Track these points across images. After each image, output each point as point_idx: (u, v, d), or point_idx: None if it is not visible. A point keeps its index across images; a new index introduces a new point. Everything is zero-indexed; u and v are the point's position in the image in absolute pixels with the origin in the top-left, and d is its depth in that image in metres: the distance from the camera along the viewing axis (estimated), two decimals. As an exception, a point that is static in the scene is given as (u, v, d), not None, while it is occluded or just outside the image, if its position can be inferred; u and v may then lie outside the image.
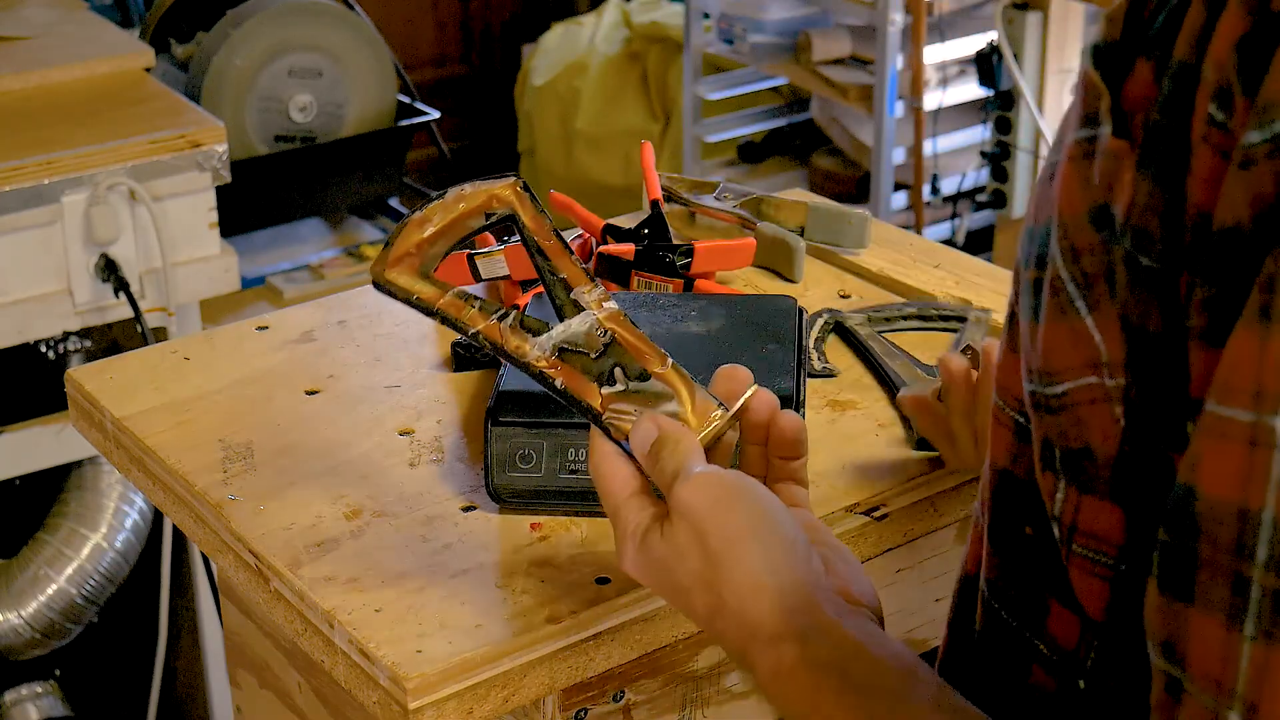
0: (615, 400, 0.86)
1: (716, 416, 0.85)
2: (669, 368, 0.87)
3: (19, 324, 1.96)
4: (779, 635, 0.73)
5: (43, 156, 1.93)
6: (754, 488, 0.78)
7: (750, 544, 0.75)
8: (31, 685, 2.34)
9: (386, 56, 2.61)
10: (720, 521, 0.76)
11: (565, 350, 0.87)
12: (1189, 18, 0.59)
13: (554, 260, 0.88)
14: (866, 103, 3.37)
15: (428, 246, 0.87)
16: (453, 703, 0.88)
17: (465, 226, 0.88)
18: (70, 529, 2.21)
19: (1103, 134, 0.62)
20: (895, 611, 1.09)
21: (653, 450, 0.82)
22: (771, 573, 0.75)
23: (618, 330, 0.87)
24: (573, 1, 4.91)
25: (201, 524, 1.05)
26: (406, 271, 0.87)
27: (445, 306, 0.87)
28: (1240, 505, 0.51)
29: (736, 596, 0.75)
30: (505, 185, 0.88)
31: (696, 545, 0.77)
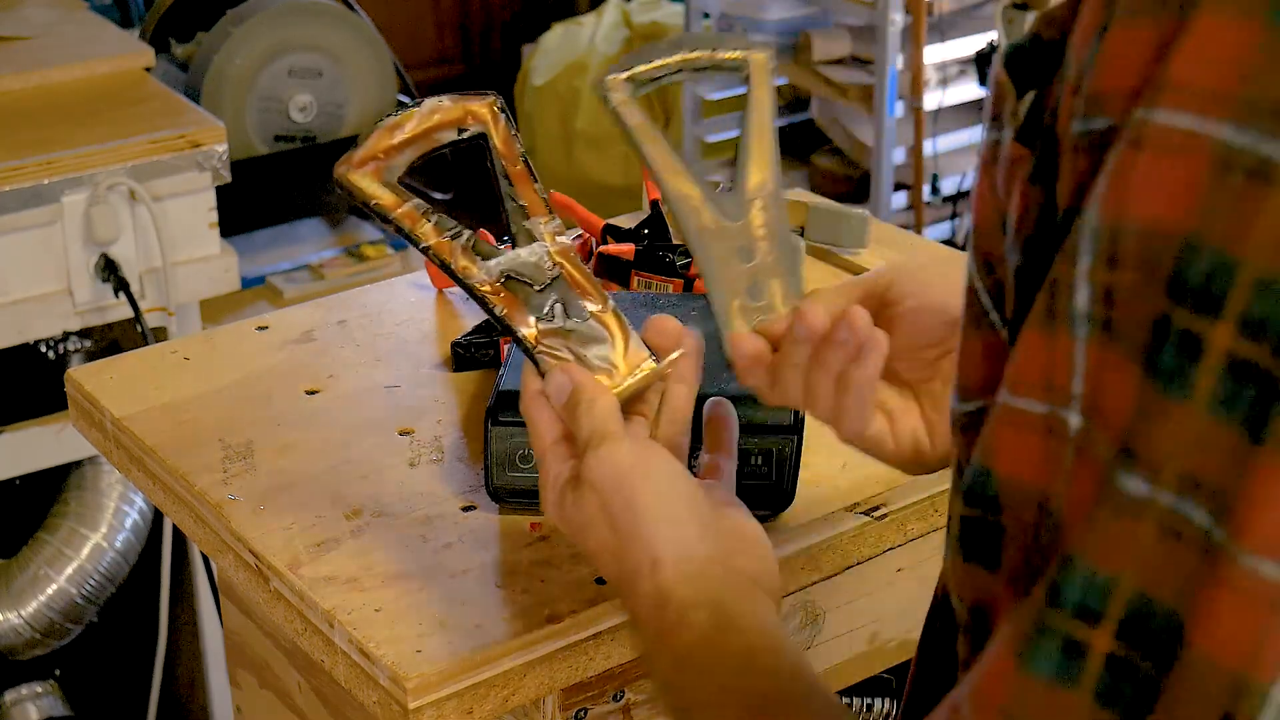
0: (549, 335, 0.87)
1: (645, 368, 0.86)
2: (609, 310, 0.87)
3: (19, 324, 1.96)
4: (671, 604, 0.76)
5: (43, 156, 1.93)
6: (660, 465, 0.81)
7: (653, 522, 0.79)
8: (31, 685, 2.33)
9: (386, 56, 2.61)
10: (625, 498, 0.79)
11: (511, 278, 0.87)
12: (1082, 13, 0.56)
13: (516, 185, 0.88)
14: (866, 103, 3.37)
15: (395, 154, 0.87)
16: (453, 703, 0.88)
17: (436, 139, 0.88)
18: (70, 529, 2.21)
19: (1005, 137, 0.59)
20: (895, 611, 1.09)
21: (568, 404, 0.84)
22: (668, 546, 0.78)
23: (565, 265, 0.88)
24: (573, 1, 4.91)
25: (201, 524, 1.05)
26: (370, 175, 0.87)
27: (401, 216, 0.87)
28: (1040, 492, 0.53)
29: (637, 569, 0.79)
30: (483, 102, 0.89)
31: (603, 516, 0.80)
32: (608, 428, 0.82)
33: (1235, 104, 0.45)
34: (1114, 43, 0.50)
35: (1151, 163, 0.48)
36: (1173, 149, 0.47)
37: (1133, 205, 0.49)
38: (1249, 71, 0.45)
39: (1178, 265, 0.47)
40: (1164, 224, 0.47)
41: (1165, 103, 0.47)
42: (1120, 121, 0.49)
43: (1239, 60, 0.45)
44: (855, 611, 1.07)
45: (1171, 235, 0.47)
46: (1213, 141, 0.46)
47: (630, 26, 4.20)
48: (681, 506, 0.80)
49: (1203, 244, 0.46)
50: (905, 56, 3.32)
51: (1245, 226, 0.45)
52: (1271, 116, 0.44)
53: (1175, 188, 0.47)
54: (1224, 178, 0.45)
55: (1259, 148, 0.45)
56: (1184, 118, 0.46)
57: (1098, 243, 0.50)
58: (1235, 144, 0.45)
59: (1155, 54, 0.48)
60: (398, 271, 2.58)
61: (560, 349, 0.86)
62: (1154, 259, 0.47)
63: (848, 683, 1.12)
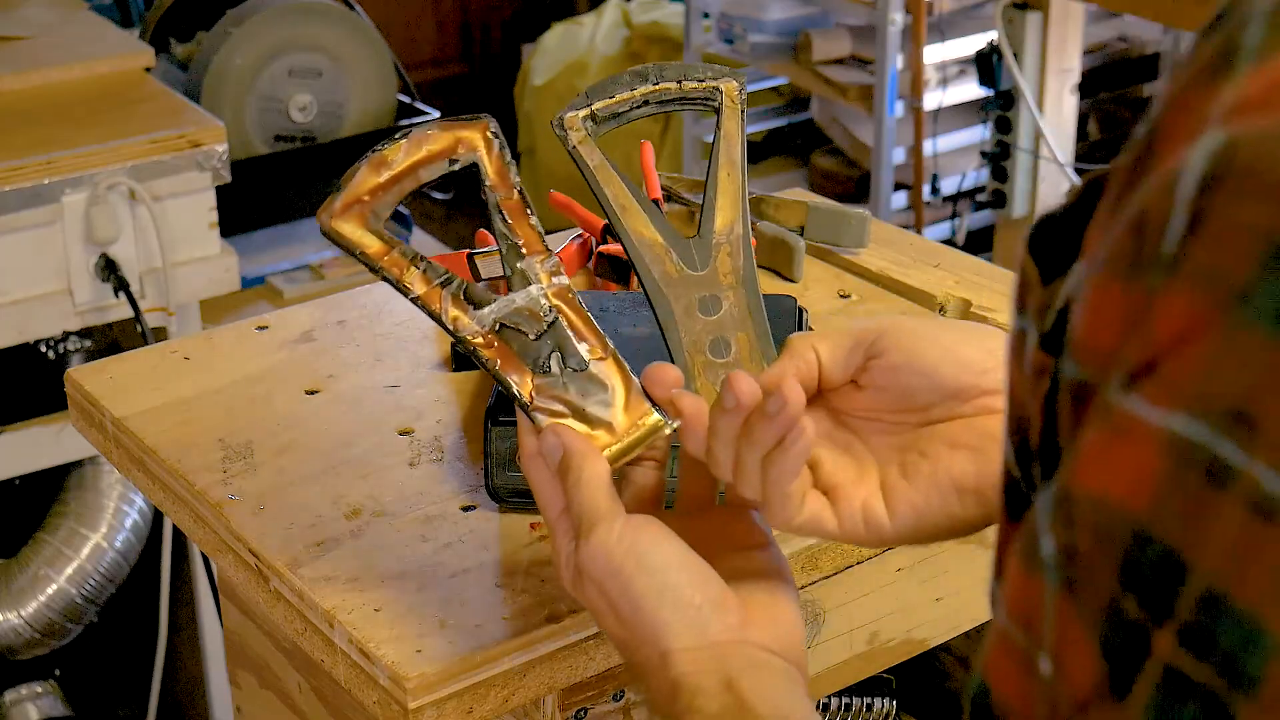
0: (546, 390, 0.82)
1: (645, 423, 0.81)
2: (609, 357, 0.83)
3: (19, 324, 1.96)
4: (683, 694, 0.74)
5: (43, 156, 1.93)
6: (655, 546, 0.77)
7: (655, 611, 0.76)
8: (31, 685, 2.34)
9: (386, 56, 2.61)
10: (622, 588, 0.77)
11: (505, 327, 0.83)
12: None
13: (512, 220, 0.83)
14: (866, 103, 3.37)
15: (381, 193, 0.83)
16: (453, 702, 0.88)
17: (427, 173, 0.83)
18: (70, 529, 2.21)
19: (1030, 339, 0.54)
20: (895, 611, 1.09)
21: (560, 470, 0.80)
22: (675, 637, 0.76)
23: (563, 308, 0.83)
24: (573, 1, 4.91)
25: (201, 524, 1.05)
26: (355, 220, 0.83)
27: (388, 265, 0.83)
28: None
29: (647, 663, 0.77)
30: (474, 128, 0.83)
31: (607, 607, 0.78)
32: (597, 509, 0.78)
33: (1195, 399, 0.43)
34: (1093, 294, 0.47)
35: (1109, 439, 0.45)
36: (1131, 432, 0.44)
37: (1086, 476, 0.46)
38: (1211, 367, 0.43)
39: (1130, 551, 0.44)
40: (1118, 504, 0.45)
41: (1130, 385, 0.45)
42: (1095, 381, 0.47)
43: (1202, 354, 0.43)
44: (855, 611, 1.07)
45: (1124, 517, 0.44)
46: (1171, 434, 0.43)
47: (630, 26, 4.20)
48: (685, 587, 0.76)
49: (1154, 537, 0.44)
50: (905, 56, 3.32)
51: (1197, 530, 0.43)
52: (1227, 416, 0.42)
53: (1131, 471, 0.44)
54: (1180, 473, 0.43)
55: (1215, 448, 0.42)
56: (1144, 406, 0.44)
57: (1054, 500, 0.47)
58: (1193, 439, 0.43)
59: (1125, 323, 0.45)
60: (398, 271, 2.58)
61: (556, 403, 0.82)
62: (1108, 535, 0.45)
63: (848, 683, 1.12)
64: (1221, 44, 0.46)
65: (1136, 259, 0.45)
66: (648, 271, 0.85)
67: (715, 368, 0.83)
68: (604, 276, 1.29)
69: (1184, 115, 0.46)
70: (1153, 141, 0.47)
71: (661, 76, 0.89)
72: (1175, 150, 0.45)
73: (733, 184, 0.87)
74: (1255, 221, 0.42)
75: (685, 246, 0.86)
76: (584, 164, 0.87)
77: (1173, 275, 0.44)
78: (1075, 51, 3.15)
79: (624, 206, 0.87)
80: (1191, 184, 0.44)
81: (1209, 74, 0.46)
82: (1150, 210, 0.45)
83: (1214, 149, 0.43)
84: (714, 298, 0.85)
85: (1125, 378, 0.45)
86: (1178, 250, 0.44)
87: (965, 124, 3.52)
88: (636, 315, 1.10)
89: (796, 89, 3.78)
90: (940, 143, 3.46)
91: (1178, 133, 0.46)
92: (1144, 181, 0.46)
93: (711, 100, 0.88)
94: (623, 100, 0.88)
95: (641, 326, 1.05)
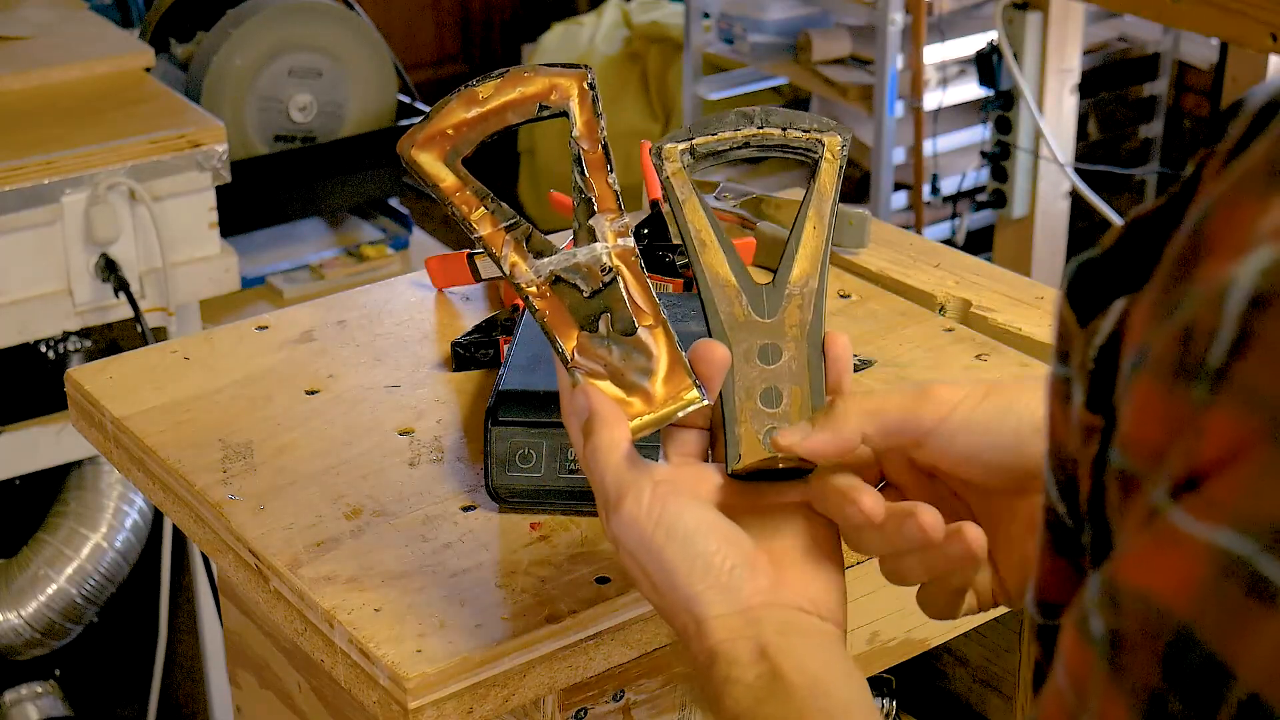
0: (590, 349, 0.81)
1: (683, 398, 0.80)
2: (659, 326, 0.82)
3: (19, 324, 1.96)
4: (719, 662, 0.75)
5: (43, 156, 1.93)
6: (682, 514, 0.77)
7: (687, 579, 0.77)
8: (31, 685, 2.34)
9: (386, 56, 2.61)
10: (655, 558, 0.77)
11: (560, 280, 0.82)
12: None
13: (590, 174, 0.82)
14: (866, 103, 3.37)
15: (466, 129, 0.82)
16: (453, 702, 0.88)
17: (515, 114, 0.82)
18: (70, 529, 2.21)
19: (1076, 397, 0.55)
20: (895, 611, 1.09)
21: (584, 431, 0.80)
22: (709, 604, 0.76)
23: (623, 269, 0.82)
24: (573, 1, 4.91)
25: (201, 524, 1.05)
26: (434, 152, 0.82)
27: (458, 201, 0.82)
28: None
29: (685, 631, 0.78)
30: (572, 77, 0.82)
31: (644, 578, 0.79)
32: (620, 480, 0.78)
33: (1240, 517, 0.44)
34: (1140, 393, 0.48)
35: (1155, 544, 0.46)
36: (1176, 541, 0.45)
37: (1133, 572, 0.47)
38: (1256, 487, 0.44)
39: (1173, 648, 0.45)
40: (1162, 602, 0.46)
41: (1175, 497, 0.46)
42: (1141, 475, 0.48)
43: (1247, 475, 0.44)
44: (855, 611, 1.06)
45: (1169, 615, 0.45)
46: (1214, 547, 0.44)
47: (630, 26, 4.20)
48: (715, 554, 0.77)
49: (1197, 638, 0.45)
50: (905, 56, 3.32)
51: (1241, 639, 0.44)
52: (1271, 534, 0.43)
53: (1176, 575, 0.45)
54: (1224, 583, 0.44)
55: (1258, 563, 0.43)
56: (1189, 520, 0.45)
57: (1102, 585, 0.48)
58: (1237, 553, 0.44)
59: (1170, 427, 0.46)
60: (397, 271, 2.58)
61: (597, 363, 0.81)
62: (1153, 629, 0.46)
63: (848, 683, 1.12)
64: (1275, 151, 0.47)
65: (1182, 367, 0.46)
66: (715, 311, 0.84)
67: (763, 416, 0.82)
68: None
69: (1234, 222, 0.47)
70: (1201, 241, 0.48)
71: (767, 121, 0.88)
72: (1225, 259, 0.46)
73: (817, 238, 0.86)
74: None
75: (757, 292, 0.85)
76: (673, 195, 0.86)
77: (1219, 390, 0.45)
78: (1075, 51, 3.15)
79: (704, 243, 0.85)
80: (1241, 300, 0.44)
81: (1262, 182, 0.47)
82: (1198, 321, 0.46)
83: (1265, 267, 0.44)
84: (775, 347, 0.84)
85: (1170, 486, 0.46)
86: (1224, 364, 0.45)
87: (965, 124, 3.52)
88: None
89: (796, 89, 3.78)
90: (940, 143, 3.46)
91: (1228, 239, 0.46)
92: (1192, 285, 0.47)
93: (813, 152, 0.88)
94: (724, 139, 0.87)
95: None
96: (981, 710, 1.31)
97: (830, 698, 0.74)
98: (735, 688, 0.74)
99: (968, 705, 1.32)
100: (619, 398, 0.81)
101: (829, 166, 0.87)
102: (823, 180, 0.87)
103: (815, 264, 0.86)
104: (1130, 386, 0.49)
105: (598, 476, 0.79)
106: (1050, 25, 3.08)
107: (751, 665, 0.75)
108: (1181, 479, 0.46)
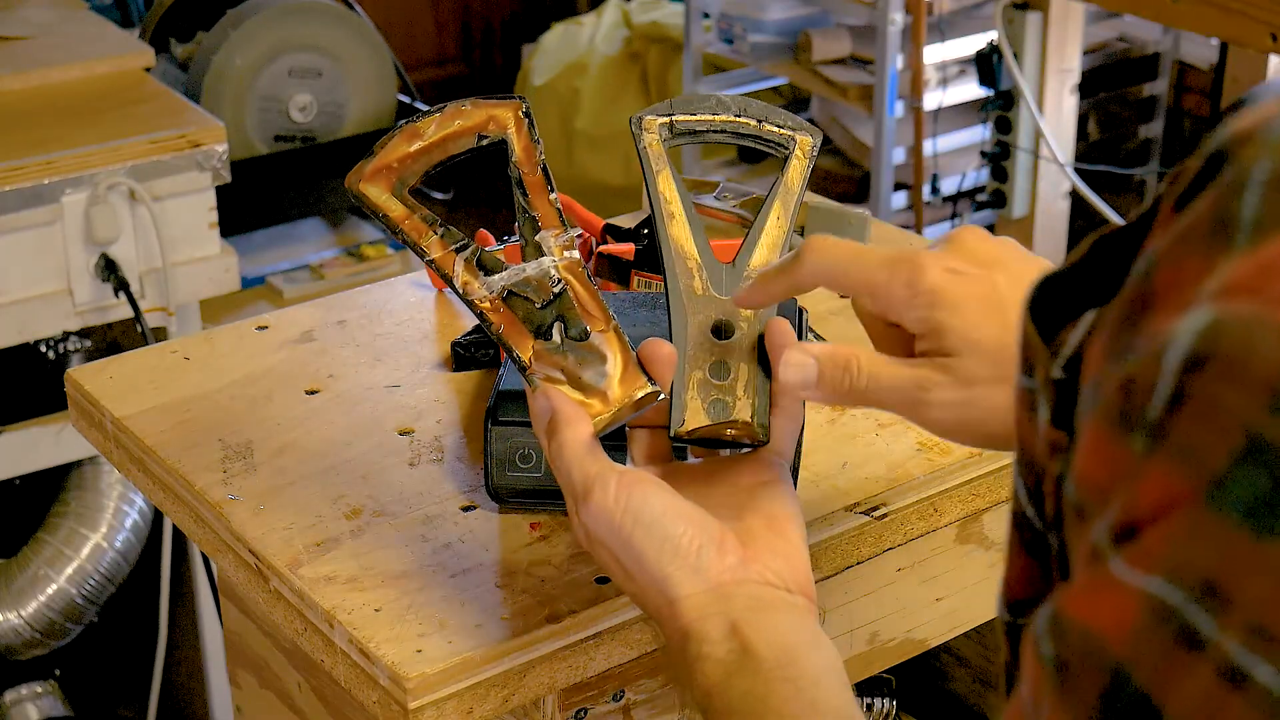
0: (546, 357, 0.85)
1: (641, 391, 0.85)
2: (610, 330, 0.86)
3: (19, 324, 1.96)
4: (691, 640, 0.78)
5: (43, 156, 1.93)
6: (648, 498, 0.80)
7: (657, 562, 0.79)
8: (31, 685, 2.34)
9: (386, 56, 2.61)
10: (624, 544, 0.80)
11: (513, 294, 0.86)
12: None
13: (532, 195, 0.87)
14: (866, 103, 3.37)
15: (410, 162, 0.86)
16: (453, 703, 0.88)
17: (456, 145, 0.87)
18: (70, 529, 2.21)
19: (1041, 412, 0.56)
20: (895, 611, 1.09)
21: (547, 431, 0.83)
22: (678, 585, 0.79)
23: (571, 281, 0.86)
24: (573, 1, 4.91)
25: (201, 524, 1.05)
26: (381, 185, 0.86)
27: (408, 228, 0.86)
28: None
29: (659, 613, 0.81)
30: (507, 107, 0.87)
31: (617, 566, 0.82)
32: (587, 472, 0.81)
33: (1171, 568, 0.45)
34: (1088, 434, 0.50)
35: (1096, 584, 0.48)
36: (1114, 585, 0.47)
37: (1076, 606, 0.49)
38: (1185, 541, 0.45)
39: (1110, 684, 0.47)
40: (1101, 638, 0.47)
41: (1114, 544, 0.47)
42: (1089, 511, 0.49)
43: (1178, 528, 0.45)
44: (855, 611, 1.07)
45: (1106, 652, 0.47)
46: (1148, 594, 0.46)
47: (630, 26, 4.20)
48: (682, 535, 0.80)
49: (1131, 678, 0.46)
50: (905, 56, 3.32)
51: (1171, 682, 0.45)
52: (1199, 587, 0.45)
53: (1113, 615, 0.47)
54: (1156, 628, 0.46)
55: (1187, 614, 0.45)
56: (1125, 569, 0.47)
57: (1051, 615, 0.50)
58: (1168, 602, 0.45)
59: (1113, 471, 0.48)
60: (397, 271, 2.59)
61: (554, 370, 0.85)
62: (1092, 663, 0.48)
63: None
64: (1218, 206, 0.48)
65: (1124, 416, 0.47)
66: (675, 281, 0.88)
67: (709, 387, 0.86)
68: (603, 276, 1.29)
69: (1179, 277, 0.48)
70: (1149, 290, 0.49)
71: (745, 111, 0.91)
72: (1168, 313, 0.47)
73: (779, 229, 0.90)
74: (1234, 409, 0.44)
75: (718, 270, 0.88)
76: (648, 165, 0.89)
77: (1155, 444, 0.46)
78: (1075, 51, 3.15)
79: (672, 215, 0.89)
80: (1178, 358, 0.46)
81: (1206, 238, 0.48)
82: (1139, 374, 0.47)
83: (1201, 328, 0.45)
84: (729, 323, 0.87)
85: (1110, 532, 0.48)
86: (1160, 419, 0.46)
87: (965, 124, 3.52)
88: (635, 315, 1.10)
89: (796, 89, 3.78)
90: (940, 143, 3.46)
91: (1172, 293, 0.48)
92: (1137, 335, 0.48)
93: (785, 147, 0.91)
94: (703, 120, 0.91)
95: (640, 327, 1.05)
96: (981, 710, 1.31)
97: (800, 667, 0.76)
98: (706, 664, 0.77)
99: (968, 705, 1.32)
100: (579, 400, 0.85)
101: (798, 164, 0.91)
102: (791, 175, 0.91)
103: (775, 253, 0.89)
104: (1084, 423, 0.50)
105: (564, 472, 0.82)
106: (1050, 25, 3.08)
107: (722, 642, 0.77)
108: (1120, 527, 0.47)
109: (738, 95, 0.93)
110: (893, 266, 0.81)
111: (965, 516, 1.08)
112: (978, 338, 0.79)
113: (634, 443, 0.88)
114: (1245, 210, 0.47)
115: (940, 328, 0.80)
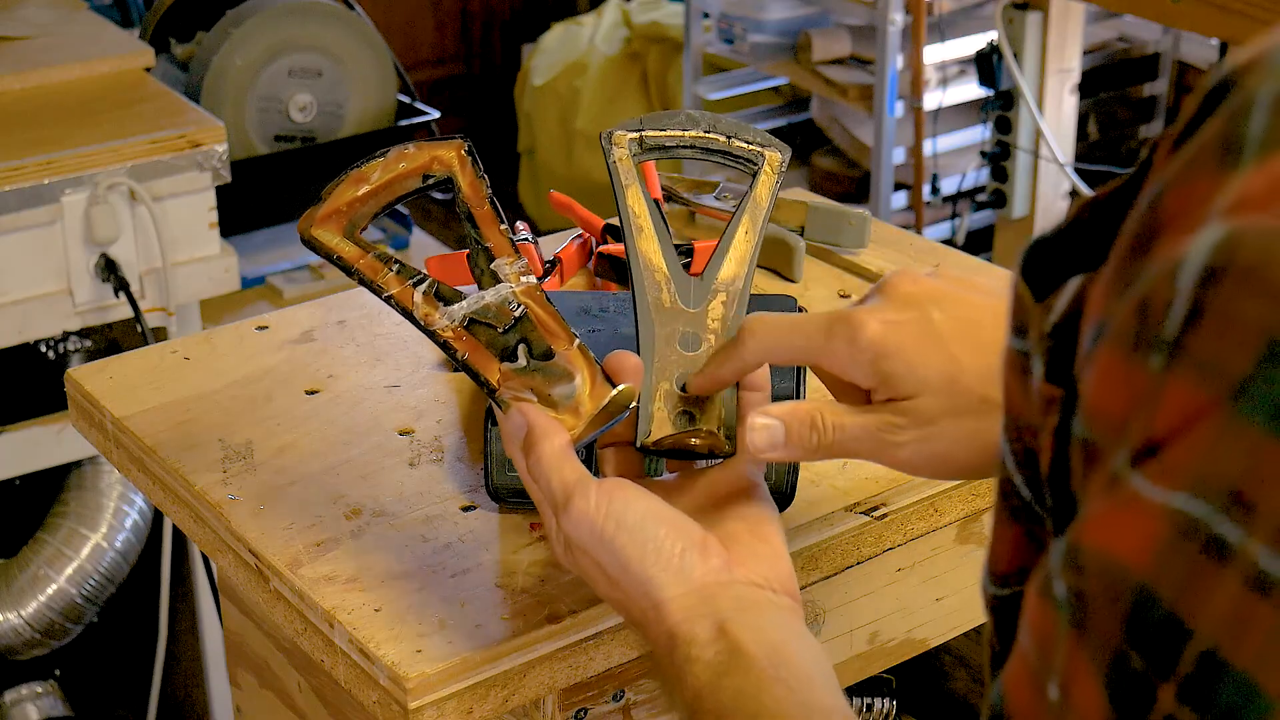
0: (513, 377, 0.86)
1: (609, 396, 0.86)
2: (574, 348, 0.87)
3: (19, 324, 1.96)
4: (679, 643, 0.78)
5: (43, 156, 1.93)
6: (629, 503, 0.80)
7: (640, 566, 0.80)
8: (31, 685, 2.34)
9: (386, 56, 2.61)
10: (607, 550, 0.80)
11: (474, 322, 0.87)
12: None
13: (482, 228, 0.88)
14: (866, 103, 3.37)
15: (359, 205, 0.88)
16: (453, 702, 0.88)
17: (402, 187, 0.88)
18: (70, 529, 2.21)
19: (1035, 369, 0.56)
20: (895, 611, 1.09)
21: (523, 446, 0.84)
22: (663, 587, 0.79)
23: (530, 304, 0.87)
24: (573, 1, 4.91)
25: (201, 524, 1.05)
26: (332, 229, 0.88)
27: (363, 267, 0.88)
28: None
29: (644, 617, 0.81)
30: (449, 147, 0.88)
31: (599, 572, 0.82)
32: (566, 481, 0.81)
33: (1196, 480, 0.46)
34: (1100, 365, 0.50)
35: (1116, 508, 0.48)
36: (1136, 505, 0.47)
37: (1095, 534, 0.49)
38: (1210, 452, 0.45)
39: (1133, 608, 0.47)
40: (1123, 563, 0.47)
41: (1135, 463, 0.47)
42: (1102, 444, 0.49)
43: (1202, 440, 0.45)
44: (855, 611, 1.07)
45: (1130, 576, 0.47)
46: (1172, 509, 0.46)
47: (630, 26, 4.20)
48: (665, 538, 0.80)
49: (1157, 598, 0.46)
50: (905, 56, 3.32)
51: (1198, 597, 0.46)
52: (1226, 496, 0.45)
53: (1136, 537, 0.47)
54: (1181, 543, 0.46)
55: (1214, 524, 0.45)
56: (1148, 486, 0.47)
57: (1065, 550, 0.50)
58: (1193, 515, 0.45)
59: (1129, 397, 0.48)
60: (398, 271, 2.58)
61: (524, 390, 0.86)
62: (1114, 589, 0.48)
63: (848, 683, 1.12)
64: (1226, 129, 0.48)
65: (1139, 339, 0.48)
66: (643, 294, 0.89)
67: (675, 398, 0.87)
68: (604, 276, 1.29)
69: (1188, 199, 0.48)
70: (1157, 219, 0.49)
71: (714, 127, 0.93)
72: (1179, 235, 0.47)
73: (747, 243, 0.91)
74: (1254, 317, 0.44)
75: (685, 282, 0.89)
76: (617, 179, 0.91)
77: (1175, 361, 0.46)
78: (1075, 51, 3.15)
79: (641, 229, 0.90)
80: (1193, 274, 0.46)
81: (1214, 160, 0.48)
82: (1153, 295, 0.47)
83: (1216, 242, 0.45)
84: (696, 336, 0.88)
85: (1130, 454, 0.47)
86: (1178, 336, 0.46)
87: (965, 124, 3.52)
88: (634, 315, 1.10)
89: (796, 89, 3.78)
90: (940, 143, 3.46)
91: (1182, 217, 0.48)
92: (1149, 261, 0.48)
93: (754, 163, 0.92)
94: (672, 136, 0.92)
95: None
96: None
97: (791, 667, 0.76)
98: (695, 665, 0.76)
99: (968, 705, 1.32)
100: (552, 416, 0.86)
101: (766, 179, 0.92)
102: (759, 191, 0.92)
103: (743, 266, 0.90)
104: (1091, 359, 0.50)
105: (543, 483, 0.82)
106: (1050, 25, 3.08)
107: (711, 643, 0.77)
108: (1141, 446, 0.47)
109: (709, 113, 0.94)
110: (830, 329, 0.83)
111: (965, 516, 1.08)
112: (925, 375, 0.81)
113: (605, 462, 0.89)
114: (1253, 129, 0.47)
115: (889, 377, 0.82)
